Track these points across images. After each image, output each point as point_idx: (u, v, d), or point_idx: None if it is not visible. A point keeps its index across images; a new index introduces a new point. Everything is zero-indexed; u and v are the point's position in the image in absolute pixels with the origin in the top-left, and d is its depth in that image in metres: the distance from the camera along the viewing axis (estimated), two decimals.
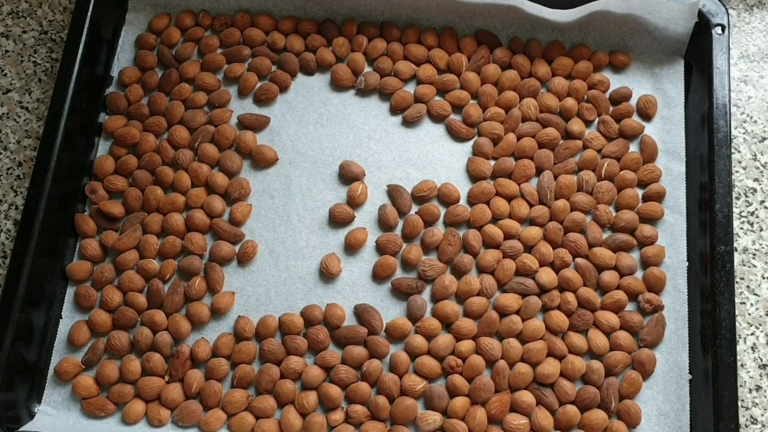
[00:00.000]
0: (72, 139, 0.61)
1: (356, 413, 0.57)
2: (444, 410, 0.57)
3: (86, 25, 0.63)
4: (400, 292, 0.60)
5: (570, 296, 0.59)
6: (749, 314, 0.61)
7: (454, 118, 0.65)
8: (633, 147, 0.64)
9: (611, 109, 0.65)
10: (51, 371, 0.59)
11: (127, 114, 0.65)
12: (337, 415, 0.57)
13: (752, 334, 0.60)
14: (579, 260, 0.60)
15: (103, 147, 0.65)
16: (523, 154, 0.63)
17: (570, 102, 0.64)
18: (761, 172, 0.65)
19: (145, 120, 0.65)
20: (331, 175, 0.64)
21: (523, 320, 0.59)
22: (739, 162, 0.65)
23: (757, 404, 0.59)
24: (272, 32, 0.67)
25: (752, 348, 0.60)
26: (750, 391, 0.59)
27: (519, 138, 0.64)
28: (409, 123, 0.65)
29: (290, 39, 0.67)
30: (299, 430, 0.57)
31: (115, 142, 0.64)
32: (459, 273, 0.60)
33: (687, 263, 0.60)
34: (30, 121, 0.67)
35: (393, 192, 0.62)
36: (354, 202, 0.62)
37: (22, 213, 0.59)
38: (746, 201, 0.64)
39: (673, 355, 0.58)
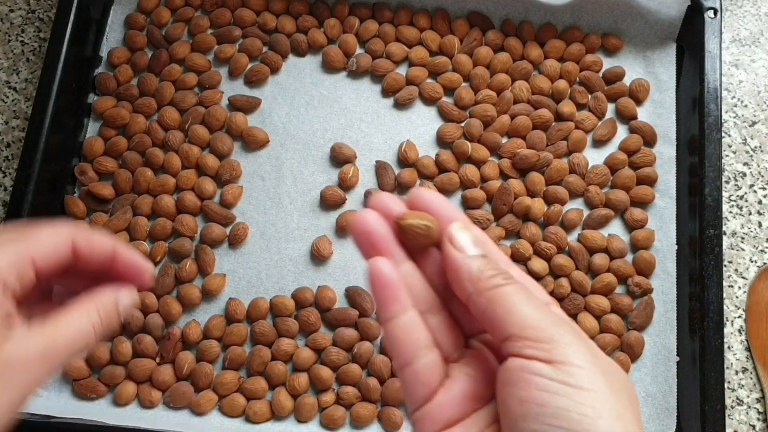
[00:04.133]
0: (61, 120, 0.61)
1: (347, 395, 0.57)
2: None
3: (74, 4, 0.62)
4: None
5: (564, 281, 0.59)
6: (737, 297, 0.61)
7: (446, 100, 0.65)
8: (623, 128, 0.64)
9: (605, 87, 0.65)
10: None
11: (116, 95, 0.65)
12: (328, 397, 0.57)
13: (739, 316, 0.61)
14: (572, 243, 0.60)
15: (92, 128, 0.65)
16: (517, 135, 0.63)
17: (562, 84, 0.64)
18: (751, 156, 0.65)
19: (134, 101, 0.64)
20: (322, 157, 0.63)
21: None
22: (729, 146, 0.65)
23: (743, 386, 0.59)
24: (263, 13, 0.67)
25: (739, 330, 0.61)
26: (736, 372, 0.60)
27: (512, 119, 0.64)
28: (401, 105, 0.65)
29: (281, 20, 0.67)
30: (290, 412, 0.57)
31: (104, 123, 0.64)
32: None
33: (676, 247, 0.61)
34: (18, 102, 0.67)
35: (380, 169, 0.62)
36: (345, 185, 0.62)
37: (10, 194, 0.58)
38: (736, 185, 0.64)
39: (661, 337, 0.59)
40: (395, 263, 0.29)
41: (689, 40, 0.64)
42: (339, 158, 0.63)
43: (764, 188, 0.64)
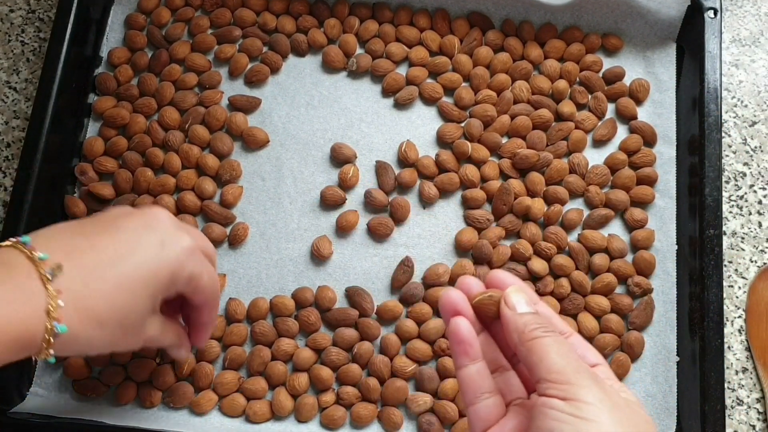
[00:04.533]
0: (61, 120, 0.61)
1: (347, 395, 0.57)
2: (434, 392, 0.57)
3: (75, 5, 0.62)
4: (395, 281, 0.60)
5: (564, 281, 0.59)
6: (737, 297, 0.61)
7: (446, 100, 0.65)
8: (623, 128, 0.64)
9: (605, 87, 0.65)
10: None
11: (116, 95, 0.65)
12: (328, 397, 0.57)
13: (739, 316, 0.61)
14: (572, 243, 0.60)
15: (92, 128, 0.65)
16: (517, 135, 0.63)
17: (562, 84, 0.64)
18: (751, 156, 0.65)
19: (134, 101, 0.64)
20: (322, 157, 0.64)
21: None
22: (729, 146, 0.65)
23: (743, 386, 0.59)
24: (263, 13, 0.67)
25: (739, 330, 0.61)
26: (736, 372, 0.60)
27: (512, 119, 0.64)
28: (401, 105, 0.65)
29: (281, 20, 0.67)
30: (290, 412, 0.57)
31: (104, 124, 0.64)
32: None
33: (676, 247, 0.61)
34: (18, 102, 0.67)
35: (380, 169, 0.62)
36: (345, 185, 0.62)
37: (10, 194, 0.58)
38: (736, 185, 0.64)
39: (661, 337, 0.59)
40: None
41: (689, 40, 0.64)
42: (339, 158, 0.63)
43: (764, 188, 0.64)
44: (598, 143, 0.64)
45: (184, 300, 0.48)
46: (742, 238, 0.63)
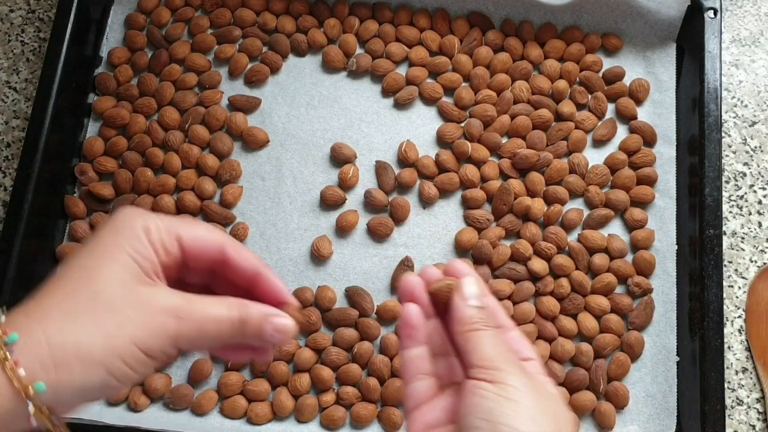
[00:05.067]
0: (61, 119, 0.61)
1: (347, 395, 0.57)
2: None
3: (74, 5, 0.62)
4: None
5: (564, 281, 0.59)
6: (737, 297, 0.61)
7: (446, 100, 0.65)
8: (623, 128, 0.64)
9: (605, 87, 0.65)
10: None
11: (116, 95, 0.65)
12: (329, 397, 0.57)
13: (739, 316, 0.61)
14: (572, 243, 0.60)
15: (92, 128, 0.65)
16: (517, 135, 0.63)
17: (562, 84, 0.64)
18: (751, 156, 0.65)
19: (134, 101, 0.64)
20: (322, 157, 0.64)
21: (515, 304, 0.59)
22: (729, 146, 0.65)
23: (743, 386, 0.59)
24: (263, 13, 0.67)
25: (739, 330, 0.61)
26: (736, 372, 0.60)
27: (512, 119, 0.64)
28: (401, 105, 0.65)
29: (281, 20, 0.67)
30: (291, 412, 0.57)
31: (104, 123, 0.64)
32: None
33: (676, 247, 0.61)
34: (18, 102, 0.67)
35: (379, 169, 0.62)
36: (345, 185, 0.62)
37: (11, 194, 0.58)
38: (735, 185, 0.64)
39: (661, 337, 0.59)
40: (425, 316, 0.38)
41: (689, 40, 0.64)
42: (339, 158, 0.63)
43: (764, 188, 0.64)
44: (598, 143, 0.64)
45: (220, 274, 0.38)
46: (742, 238, 0.63)
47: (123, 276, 0.34)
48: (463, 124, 0.64)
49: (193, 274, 0.37)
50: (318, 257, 0.60)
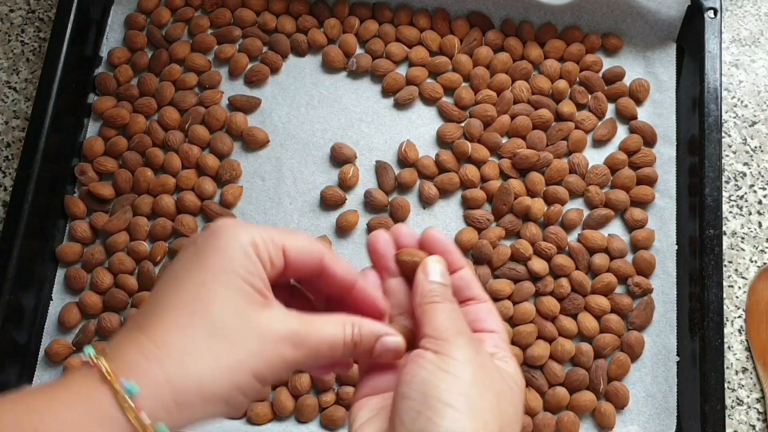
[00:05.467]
0: (61, 120, 0.61)
1: (347, 395, 0.57)
2: None
3: (74, 5, 0.62)
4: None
5: (564, 281, 0.59)
6: (737, 297, 0.61)
7: (446, 100, 0.65)
8: (623, 128, 0.64)
9: (605, 87, 0.65)
10: (42, 353, 0.59)
11: (116, 95, 0.65)
12: (329, 397, 0.57)
13: (739, 316, 0.61)
14: (572, 243, 0.60)
15: (92, 128, 0.65)
16: (517, 135, 0.63)
17: (562, 84, 0.64)
18: (751, 156, 0.65)
19: (134, 101, 0.64)
20: (322, 157, 0.63)
21: (515, 304, 0.59)
22: (729, 146, 0.65)
23: (743, 386, 0.59)
24: (263, 13, 0.67)
25: (739, 330, 0.61)
26: (736, 372, 0.60)
27: (512, 119, 0.64)
28: (401, 105, 0.65)
29: (281, 20, 0.67)
30: (292, 412, 0.57)
31: (104, 124, 0.64)
32: None
33: (676, 247, 0.61)
34: (18, 102, 0.67)
35: (380, 169, 0.62)
36: (345, 185, 0.62)
37: (11, 194, 0.58)
38: (735, 185, 0.64)
39: (661, 337, 0.59)
40: (385, 277, 0.38)
41: (689, 40, 0.64)
42: (339, 158, 0.63)
43: (764, 188, 0.64)
44: (598, 143, 0.64)
45: (316, 289, 0.38)
46: (742, 238, 0.63)
47: (237, 303, 0.32)
48: (463, 124, 0.64)
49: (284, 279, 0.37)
50: None
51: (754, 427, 0.58)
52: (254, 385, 0.32)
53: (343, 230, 0.61)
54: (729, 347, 0.60)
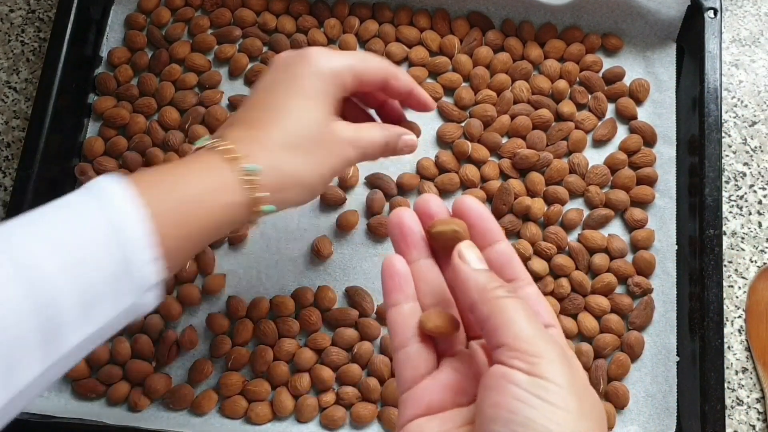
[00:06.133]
0: (61, 120, 0.61)
1: (347, 395, 0.57)
2: None
3: (74, 5, 0.62)
4: None
5: (564, 281, 0.59)
6: (737, 297, 0.61)
7: (446, 100, 0.65)
8: (623, 128, 0.64)
9: (605, 87, 0.65)
10: None
11: (116, 95, 0.65)
12: (329, 397, 0.57)
13: (739, 317, 0.61)
14: (572, 243, 0.60)
15: (92, 128, 0.65)
16: (517, 135, 0.63)
17: (562, 84, 0.64)
18: (751, 156, 0.65)
19: (134, 101, 0.64)
20: None
21: None
22: (729, 146, 0.65)
23: (743, 386, 0.59)
24: (263, 13, 0.67)
25: (739, 331, 0.61)
26: (736, 372, 0.60)
27: (512, 119, 0.64)
28: (401, 105, 0.65)
29: (281, 20, 0.67)
30: (291, 412, 0.57)
31: (104, 123, 0.64)
32: None
33: (676, 247, 0.61)
34: (18, 102, 0.67)
35: (376, 181, 0.62)
36: (345, 185, 0.62)
37: (10, 194, 0.58)
38: (735, 185, 0.64)
39: (661, 337, 0.59)
40: (416, 258, 0.35)
41: (689, 40, 0.64)
42: None
43: (764, 188, 0.64)
44: (598, 143, 0.64)
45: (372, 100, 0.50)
46: (742, 238, 0.63)
47: (321, 116, 0.41)
48: (463, 124, 0.64)
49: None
50: (318, 257, 0.60)
51: (754, 427, 0.58)
52: (330, 177, 0.42)
53: (343, 230, 0.61)
54: (729, 347, 0.60)
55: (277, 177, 0.40)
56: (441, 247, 0.33)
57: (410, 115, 0.54)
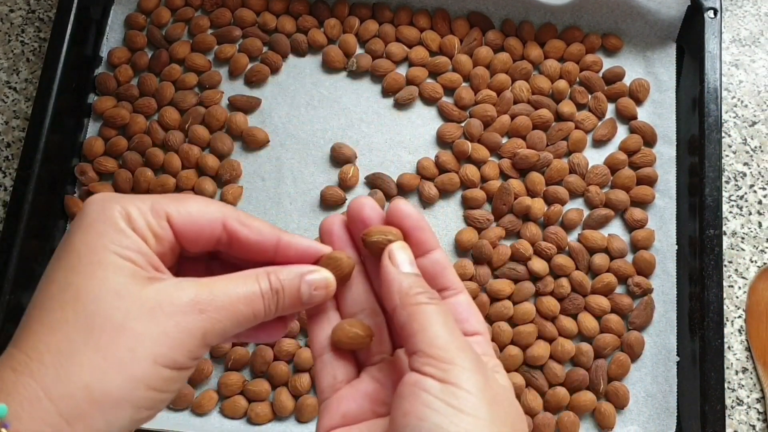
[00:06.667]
0: (61, 120, 0.61)
1: None
2: None
3: (74, 5, 0.62)
4: None
5: (564, 281, 0.59)
6: (737, 297, 0.61)
7: (446, 100, 0.65)
8: (623, 128, 0.64)
9: (605, 87, 0.65)
10: None
11: (116, 95, 0.65)
12: None
13: (739, 317, 0.61)
14: (572, 243, 0.60)
15: (92, 128, 0.65)
16: (517, 135, 0.63)
17: (562, 84, 0.64)
18: (751, 156, 0.65)
19: (134, 101, 0.64)
20: (322, 157, 0.63)
21: (515, 304, 0.59)
22: (729, 146, 0.65)
23: (743, 386, 0.59)
24: (263, 13, 0.67)
25: (739, 330, 0.61)
26: (736, 372, 0.60)
27: (512, 119, 0.64)
28: (401, 105, 0.65)
29: (281, 20, 0.67)
30: (292, 412, 0.57)
31: (104, 124, 0.64)
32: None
33: (676, 247, 0.61)
34: (18, 102, 0.67)
35: (376, 181, 0.62)
36: (345, 185, 0.62)
37: (10, 194, 0.58)
38: (735, 185, 0.64)
39: (661, 337, 0.59)
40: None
41: (689, 40, 0.64)
42: (339, 158, 0.63)
43: (764, 188, 0.64)
44: (598, 143, 0.64)
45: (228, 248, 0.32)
46: (742, 238, 0.63)
47: (117, 283, 0.27)
48: (463, 124, 0.64)
49: (194, 260, 0.32)
50: None
51: (754, 427, 0.58)
52: (162, 374, 0.26)
53: None
54: (729, 347, 0.60)
55: (54, 406, 0.25)
56: (375, 256, 0.31)
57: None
